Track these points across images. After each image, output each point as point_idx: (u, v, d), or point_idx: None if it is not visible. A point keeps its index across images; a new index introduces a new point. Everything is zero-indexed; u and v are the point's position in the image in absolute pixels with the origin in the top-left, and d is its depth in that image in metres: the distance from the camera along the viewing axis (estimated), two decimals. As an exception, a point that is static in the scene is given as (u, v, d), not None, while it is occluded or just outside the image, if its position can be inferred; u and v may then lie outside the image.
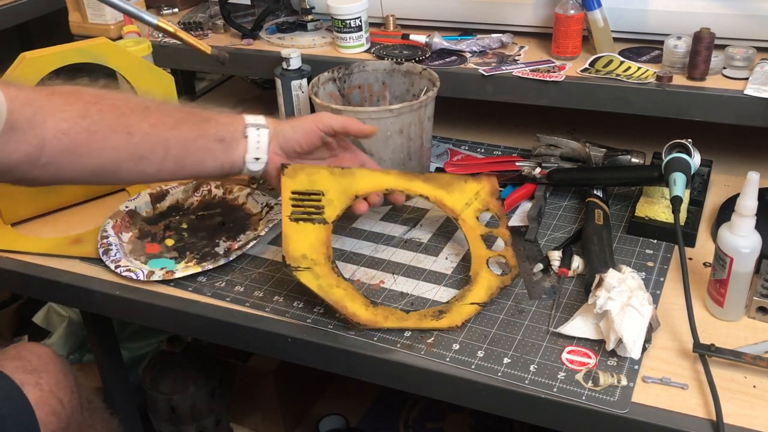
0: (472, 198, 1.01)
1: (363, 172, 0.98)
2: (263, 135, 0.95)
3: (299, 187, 0.95)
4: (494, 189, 1.03)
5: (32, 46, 1.13)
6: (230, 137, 0.94)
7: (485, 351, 0.86)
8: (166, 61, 1.40)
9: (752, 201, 0.82)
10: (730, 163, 1.19)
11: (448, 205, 1.00)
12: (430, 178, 1.01)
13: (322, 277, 0.89)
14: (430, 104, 1.12)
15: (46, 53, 1.11)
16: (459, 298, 0.91)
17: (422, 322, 0.89)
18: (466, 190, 1.01)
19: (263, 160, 0.95)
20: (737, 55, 1.09)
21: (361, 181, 0.97)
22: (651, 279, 0.96)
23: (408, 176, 1.00)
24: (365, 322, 0.88)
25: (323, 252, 0.91)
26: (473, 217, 1.00)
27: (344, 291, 0.89)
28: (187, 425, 1.52)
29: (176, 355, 1.51)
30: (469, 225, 0.99)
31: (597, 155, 1.16)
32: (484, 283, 0.93)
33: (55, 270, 1.07)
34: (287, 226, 0.92)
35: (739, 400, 0.78)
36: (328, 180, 0.96)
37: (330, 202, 0.95)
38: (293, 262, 0.89)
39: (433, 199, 1.00)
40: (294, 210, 0.93)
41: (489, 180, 1.03)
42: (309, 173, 0.95)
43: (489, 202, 1.01)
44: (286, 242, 0.90)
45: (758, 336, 0.86)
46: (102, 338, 1.37)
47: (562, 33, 1.18)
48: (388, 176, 1.00)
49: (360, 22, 1.28)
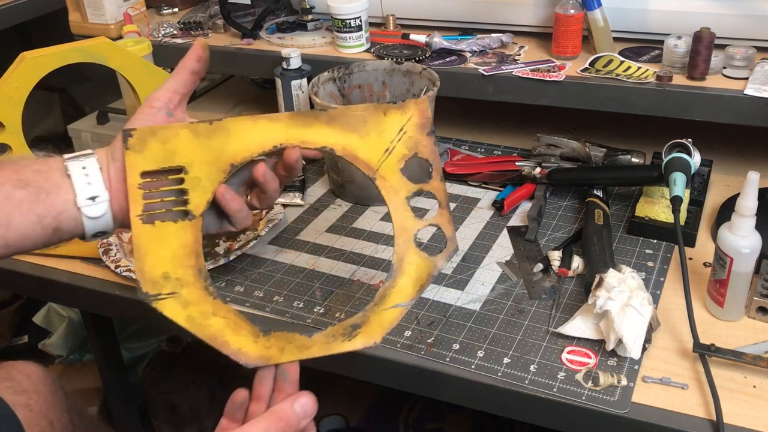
0: (395, 139, 0.73)
1: (238, 123, 0.70)
2: (90, 164, 0.67)
3: (152, 165, 0.67)
4: (424, 119, 0.73)
5: (32, 46, 1.13)
6: (42, 179, 0.66)
7: (485, 351, 0.86)
8: (167, 61, 1.40)
9: (752, 201, 0.82)
10: (730, 163, 1.19)
11: (361, 157, 0.72)
12: (335, 117, 0.72)
13: (192, 304, 0.66)
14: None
15: (46, 53, 1.10)
16: (378, 300, 0.71)
17: (330, 346, 0.69)
18: (385, 128, 0.73)
19: (102, 197, 0.67)
20: (737, 55, 1.09)
21: (237, 138, 0.70)
22: (651, 279, 0.96)
23: (303, 119, 0.72)
24: (255, 359, 0.67)
25: (192, 264, 0.67)
26: (396, 171, 0.72)
27: (224, 319, 0.67)
28: (187, 425, 1.52)
29: (176, 355, 1.51)
30: (390, 184, 0.72)
31: (597, 155, 1.16)
32: (411, 271, 0.71)
33: (55, 270, 1.07)
34: (139, 232, 0.66)
35: (739, 400, 0.78)
36: (191, 146, 0.69)
37: (196, 182, 0.68)
38: (151, 288, 0.65)
39: (342, 151, 0.72)
40: (147, 204, 0.67)
41: (417, 106, 0.74)
42: (163, 138, 0.68)
43: (418, 141, 0.73)
44: (140, 257, 0.66)
45: (758, 336, 0.86)
46: (102, 338, 1.37)
47: (562, 33, 1.18)
48: (274, 125, 0.71)
49: (360, 22, 1.28)
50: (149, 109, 0.72)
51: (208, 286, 0.67)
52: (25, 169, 0.67)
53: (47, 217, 0.66)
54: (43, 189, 0.66)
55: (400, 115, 0.73)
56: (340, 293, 0.98)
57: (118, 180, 0.68)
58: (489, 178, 1.20)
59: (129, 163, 0.67)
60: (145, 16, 1.49)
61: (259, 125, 0.70)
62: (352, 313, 0.93)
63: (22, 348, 1.86)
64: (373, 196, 1.15)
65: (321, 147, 0.71)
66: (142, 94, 1.19)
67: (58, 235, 0.68)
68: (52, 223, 0.66)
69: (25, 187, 0.66)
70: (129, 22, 1.40)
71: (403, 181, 0.72)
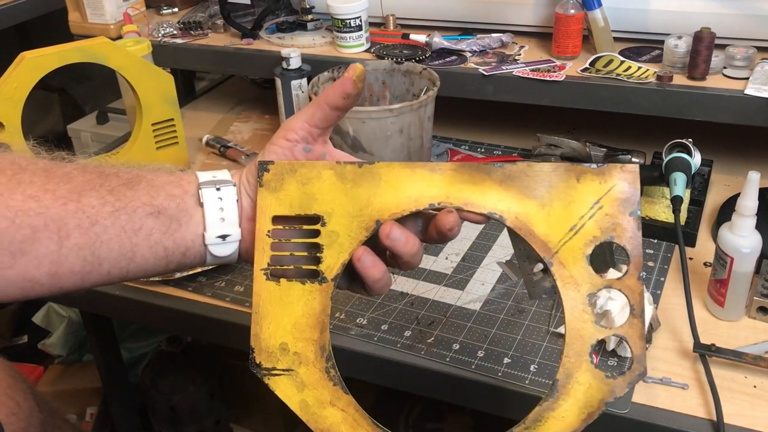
0: (586, 215, 0.56)
1: (392, 169, 0.58)
2: (228, 195, 0.59)
3: (286, 210, 0.58)
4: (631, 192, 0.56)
5: (32, 46, 1.13)
6: (175, 207, 0.59)
7: (485, 351, 0.86)
8: (166, 60, 1.40)
9: (753, 201, 0.82)
10: (730, 163, 1.19)
11: (537, 233, 0.57)
12: (512, 176, 0.57)
13: (308, 388, 0.57)
14: (430, 104, 1.12)
15: (46, 53, 1.10)
16: (531, 424, 0.56)
17: None
18: (575, 197, 0.56)
19: (234, 236, 0.60)
20: (738, 55, 1.09)
21: (390, 189, 0.57)
22: (651, 279, 0.96)
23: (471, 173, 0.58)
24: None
25: (314, 338, 0.57)
26: (581, 257, 0.57)
27: (342, 413, 0.57)
28: (186, 425, 1.52)
29: (176, 355, 1.51)
30: (569, 274, 0.56)
31: (597, 155, 1.16)
32: (580, 394, 0.55)
33: (54, 270, 1.07)
34: (262, 288, 0.57)
35: (739, 400, 0.77)
36: (333, 191, 0.58)
37: (334, 238, 0.57)
38: (266, 360, 0.57)
39: (514, 222, 0.57)
40: (274, 256, 0.57)
41: (624, 173, 0.56)
42: (304, 178, 0.58)
43: (617, 222, 0.56)
44: (258, 320, 0.57)
45: (759, 336, 0.86)
46: (102, 338, 1.37)
47: (563, 32, 1.18)
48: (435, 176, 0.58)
49: (360, 22, 1.28)
50: (284, 141, 0.62)
51: (330, 368, 0.57)
52: (159, 192, 0.59)
53: (175, 252, 0.59)
54: (175, 219, 0.58)
55: (599, 183, 0.56)
56: (340, 293, 0.98)
57: (249, 217, 0.60)
58: (489, 178, 1.20)
59: (261, 204, 0.57)
60: (145, 16, 1.49)
61: (416, 174, 0.57)
62: (352, 314, 0.93)
63: (22, 348, 1.86)
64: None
65: (489, 213, 0.57)
66: (141, 94, 1.19)
67: (177, 269, 0.62)
68: (177, 258, 0.59)
69: (158, 216, 0.58)
70: (129, 22, 1.40)
71: (587, 272, 0.56)
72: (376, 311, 0.94)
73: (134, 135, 1.24)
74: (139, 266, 0.58)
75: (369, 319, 0.93)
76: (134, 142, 1.23)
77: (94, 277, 0.57)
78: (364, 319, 0.93)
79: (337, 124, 1.11)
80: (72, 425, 1.20)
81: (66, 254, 0.55)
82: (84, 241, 0.56)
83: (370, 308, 0.94)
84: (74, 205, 0.56)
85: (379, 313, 0.94)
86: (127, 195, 0.57)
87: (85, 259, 0.56)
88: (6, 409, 0.96)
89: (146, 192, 0.58)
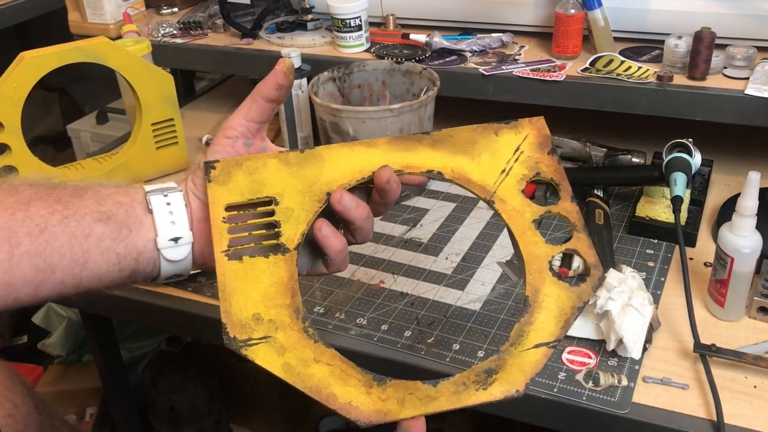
0: (511, 159, 0.65)
1: (331, 151, 0.63)
2: (176, 199, 0.61)
3: (238, 197, 0.61)
4: (543, 136, 0.66)
5: (32, 46, 1.13)
6: (124, 213, 0.59)
7: (485, 351, 0.86)
8: (166, 60, 1.40)
9: (753, 201, 0.82)
10: (730, 163, 1.19)
11: (474, 179, 0.64)
12: (440, 141, 0.66)
13: (289, 350, 0.57)
14: (430, 104, 1.12)
15: (46, 53, 1.10)
16: (515, 340, 0.59)
17: (462, 397, 0.59)
18: (499, 147, 0.66)
19: (186, 239, 0.60)
20: (738, 55, 1.09)
21: (332, 167, 0.63)
22: (651, 279, 0.95)
23: (404, 142, 0.65)
24: (370, 414, 0.56)
25: (287, 303, 0.58)
26: (517, 192, 0.64)
27: (328, 367, 0.57)
28: (186, 425, 1.52)
29: (176, 355, 1.51)
30: (511, 207, 0.64)
31: (597, 155, 1.16)
32: (551, 305, 0.61)
33: (54, 270, 1.07)
34: (224, 269, 0.59)
35: (739, 401, 0.77)
36: (281, 176, 0.62)
37: (288, 213, 0.61)
38: (240, 332, 0.57)
39: (451, 174, 0.65)
40: (233, 239, 0.59)
41: (532, 123, 0.67)
42: (250, 169, 0.62)
43: (539, 161, 0.65)
44: (225, 297, 0.58)
45: (759, 336, 0.86)
46: (102, 338, 1.37)
47: (563, 32, 1.18)
48: (372, 150, 0.64)
49: (360, 22, 1.28)
50: (225, 140, 0.65)
51: (307, 327, 0.58)
52: (108, 199, 0.60)
53: (127, 257, 0.59)
54: (125, 225, 0.59)
55: (514, 134, 0.66)
56: (340, 293, 0.98)
57: (200, 219, 0.61)
58: (489, 178, 1.20)
59: (212, 197, 0.60)
60: (145, 15, 1.49)
61: (355, 151, 0.63)
62: (352, 314, 0.93)
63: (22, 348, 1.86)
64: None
65: (427, 171, 0.64)
66: (141, 94, 1.19)
67: (132, 278, 0.61)
68: (130, 265, 0.60)
69: (107, 221, 0.58)
70: (128, 22, 1.40)
71: (526, 203, 0.64)
72: (376, 311, 0.94)
73: (134, 135, 1.24)
74: (93, 273, 0.58)
75: (369, 319, 0.93)
76: (134, 142, 1.23)
77: (49, 286, 0.57)
78: (364, 319, 0.93)
79: (336, 124, 1.12)
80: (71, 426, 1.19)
81: (17, 262, 0.55)
82: (35, 249, 0.56)
83: (370, 308, 0.94)
84: (22, 214, 0.56)
85: (379, 313, 0.94)
86: (75, 203, 0.58)
87: (38, 267, 0.56)
88: (3, 411, 0.96)
89: (93, 200, 0.59)
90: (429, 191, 1.19)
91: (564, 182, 0.65)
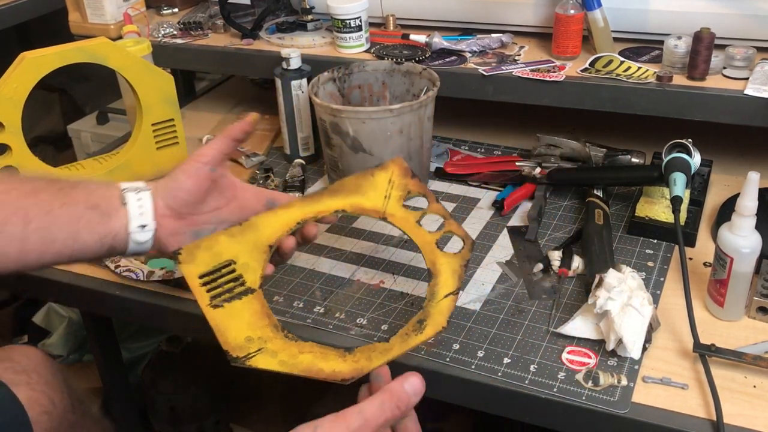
0: (388, 188, 0.87)
1: (262, 218, 0.83)
2: (145, 197, 0.80)
3: (204, 268, 0.79)
4: (403, 169, 0.88)
5: (32, 46, 1.13)
6: (106, 204, 0.79)
7: (485, 351, 0.86)
8: (166, 60, 1.40)
9: (752, 201, 0.82)
10: (730, 163, 1.19)
11: (368, 207, 0.86)
12: (336, 190, 0.86)
13: (279, 352, 0.76)
14: (430, 104, 1.12)
15: (46, 53, 1.10)
16: (431, 297, 0.82)
17: (408, 342, 0.79)
18: (377, 184, 0.87)
19: (150, 227, 0.80)
20: (737, 55, 1.09)
21: (266, 228, 0.83)
22: (651, 279, 0.96)
23: (311, 199, 0.85)
24: (350, 373, 0.76)
25: (266, 324, 0.77)
26: (399, 207, 0.86)
27: (311, 354, 0.76)
28: (186, 425, 1.52)
29: (176, 355, 1.51)
30: (399, 217, 0.86)
31: (597, 155, 1.16)
32: (446, 268, 0.83)
33: (55, 270, 1.07)
34: (212, 316, 0.77)
35: (739, 400, 0.78)
36: (231, 245, 0.81)
37: (246, 267, 0.80)
38: (240, 352, 0.76)
39: (351, 209, 0.86)
40: (212, 296, 0.78)
41: (394, 162, 0.88)
42: (207, 247, 0.80)
43: (406, 184, 0.87)
44: (221, 333, 0.76)
45: (758, 336, 0.86)
46: (102, 338, 1.37)
47: (562, 33, 1.18)
48: (291, 210, 0.85)
49: (360, 22, 1.28)
50: (195, 164, 0.82)
51: (287, 334, 0.77)
52: (95, 193, 0.79)
53: (107, 236, 0.78)
54: (106, 213, 0.78)
55: (385, 173, 0.87)
56: (340, 293, 0.98)
57: (161, 214, 0.81)
58: (489, 178, 1.20)
59: (186, 273, 0.78)
60: (145, 16, 1.49)
61: (278, 214, 0.84)
62: (352, 314, 0.94)
63: (22, 348, 1.86)
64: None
65: (335, 211, 0.85)
66: (141, 94, 1.19)
67: (109, 252, 0.80)
68: (106, 243, 0.79)
69: (94, 209, 0.78)
70: (129, 22, 1.40)
71: (408, 212, 0.86)
72: (376, 311, 0.94)
73: (134, 135, 1.24)
74: (82, 246, 0.77)
75: (369, 319, 0.93)
76: (134, 143, 1.23)
77: (49, 255, 0.77)
78: (364, 319, 0.93)
79: (336, 124, 1.13)
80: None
81: (29, 234, 0.74)
82: (43, 225, 0.75)
83: (370, 308, 0.95)
84: (33, 199, 0.76)
85: (379, 313, 0.94)
86: (72, 194, 0.78)
87: (43, 239, 0.75)
88: (39, 408, 0.96)
89: (84, 192, 0.79)
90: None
91: (428, 192, 0.88)
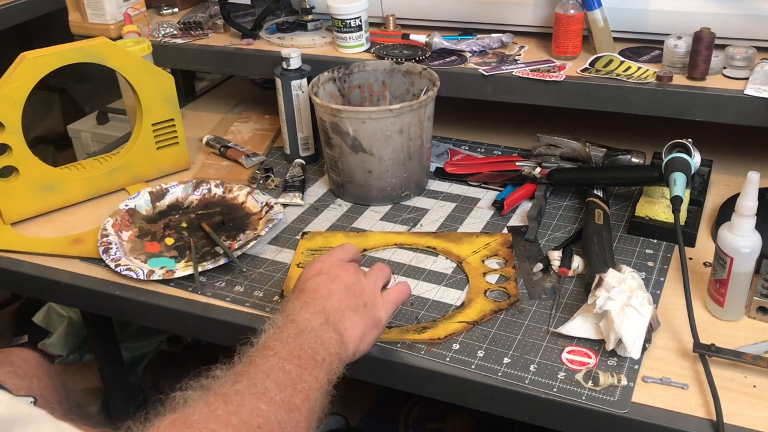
0: (481, 247, 1.03)
1: (374, 233, 1.07)
2: None
3: (314, 246, 1.05)
4: (507, 240, 1.04)
5: (32, 46, 1.13)
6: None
7: (485, 351, 0.86)
8: (166, 61, 1.40)
9: (752, 201, 0.82)
10: (730, 163, 1.19)
11: (454, 252, 1.03)
12: (441, 235, 1.06)
13: None
14: (430, 104, 1.12)
15: (46, 53, 1.10)
16: (447, 316, 0.91)
17: (404, 336, 0.88)
18: (476, 242, 1.04)
19: None
20: (737, 55, 1.09)
21: (371, 240, 1.06)
22: (651, 279, 0.96)
23: (416, 234, 1.07)
24: None
25: None
26: (478, 260, 1.00)
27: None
28: (187, 425, 1.52)
29: (176, 355, 1.51)
30: (472, 266, 0.99)
31: (597, 155, 1.16)
32: (477, 307, 0.92)
33: (55, 270, 1.07)
34: (293, 270, 1.01)
35: (739, 400, 0.78)
36: (342, 240, 1.04)
37: None
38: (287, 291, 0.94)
39: (441, 250, 1.04)
40: (303, 261, 1.01)
41: (503, 235, 1.05)
42: (326, 236, 1.07)
43: (499, 250, 1.02)
44: (289, 282, 0.98)
45: (758, 336, 0.86)
46: (102, 338, 1.37)
47: (562, 33, 1.18)
48: (395, 235, 1.07)
49: (360, 22, 1.28)
50: None
51: None
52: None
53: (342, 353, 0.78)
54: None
55: (489, 237, 1.05)
56: (340, 293, 0.98)
57: None
58: (489, 178, 1.20)
59: (300, 245, 1.06)
60: (145, 16, 1.49)
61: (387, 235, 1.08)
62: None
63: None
64: (373, 196, 1.15)
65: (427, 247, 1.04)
66: (141, 94, 1.19)
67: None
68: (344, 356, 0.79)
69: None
70: (129, 22, 1.40)
71: (483, 266, 1.00)
72: (376, 311, 0.94)
73: (134, 135, 1.24)
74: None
75: (369, 319, 0.93)
76: (134, 143, 1.23)
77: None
78: (364, 319, 0.93)
79: (336, 124, 1.14)
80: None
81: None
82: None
83: (370, 308, 0.94)
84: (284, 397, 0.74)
85: (379, 313, 0.94)
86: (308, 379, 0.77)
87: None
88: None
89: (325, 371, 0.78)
90: (429, 191, 1.19)
91: (511, 260, 1.00)
